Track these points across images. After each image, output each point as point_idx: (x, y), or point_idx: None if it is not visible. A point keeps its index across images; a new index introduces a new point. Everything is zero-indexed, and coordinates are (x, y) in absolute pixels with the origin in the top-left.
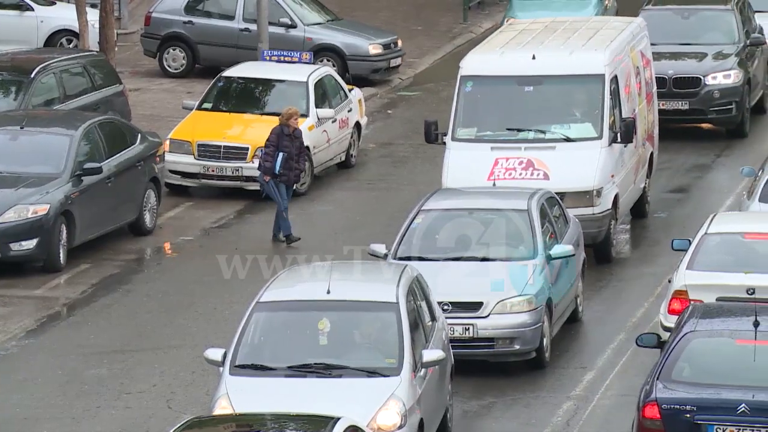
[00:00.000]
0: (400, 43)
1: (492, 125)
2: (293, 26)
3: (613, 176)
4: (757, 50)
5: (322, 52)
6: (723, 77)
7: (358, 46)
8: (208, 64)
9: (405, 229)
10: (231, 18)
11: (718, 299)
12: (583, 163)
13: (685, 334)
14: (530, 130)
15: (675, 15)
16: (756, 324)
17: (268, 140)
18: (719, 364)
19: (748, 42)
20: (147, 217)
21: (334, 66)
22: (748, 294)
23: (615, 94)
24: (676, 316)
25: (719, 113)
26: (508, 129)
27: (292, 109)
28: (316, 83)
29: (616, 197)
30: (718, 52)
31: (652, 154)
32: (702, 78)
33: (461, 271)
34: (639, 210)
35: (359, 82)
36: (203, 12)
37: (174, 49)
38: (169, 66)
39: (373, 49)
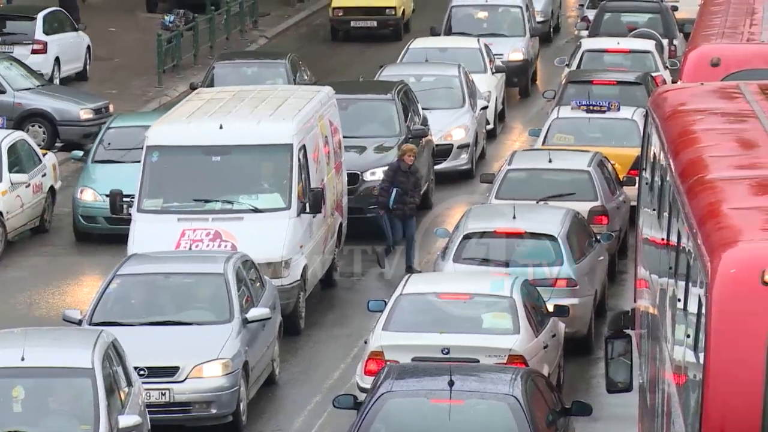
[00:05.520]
0: (111, 107)
1: (179, 196)
2: (2, 91)
3: (301, 247)
4: (421, 142)
5: (32, 117)
6: (383, 173)
7: (68, 111)
8: None
9: (100, 294)
10: None
11: (413, 359)
12: (271, 234)
13: (381, 394)
14: (218, 201)
15: None
16: (451, 383)
17: (384, 175)
18: (415, 424)
19: (410, 134)
20: None
21: (44, 132)
22: (443, 354)
23: (303, 164)
24: (373, 377)
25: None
26: (195, 200)
27: (408, 146)
28: (9, 148)
29: (305, 268)
30: (378, 146)
31: (341, 224)
32: (360, 174)
33: (157, 336)
34: (329, 280)
35: (71, 147)
36: None
37: None
38: None
39: (84, 114)
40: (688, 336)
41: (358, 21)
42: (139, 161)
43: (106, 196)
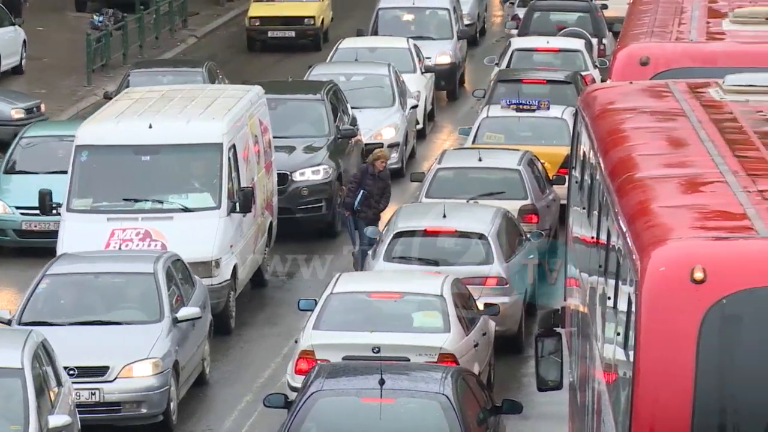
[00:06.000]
0: (43, 107)
1: (108, 196)
2: None
3: (232, 246)
4: (350, 142)
5: None
6: (312, 173)
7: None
8: None
9: (29, 293)
10: None
11: (344, 358)
12: (202, 234)
13: (312, 393)
14: (147, 200)
15: None
16: (381, 382)
17: (352, 177)
18: (346, 423)
19: (339, 134)
20: None
21: None
22: (374, 352)
23: (233, 163)
24: (303, 376)
25: (308, 211)
26: (125, 199)
27: (381, 152)
28: None
29: (235, 267)
30: (307, 146)
31: (271, 223)
32: (289, 174)
33: (87, 336)
34: (259, 280)
35: (2, 146)
36: None
37: None
38: None
39: (16, 113)
40: (618, 334)
41: (276, 31)
42: (52, 172)
43: (16, 208)
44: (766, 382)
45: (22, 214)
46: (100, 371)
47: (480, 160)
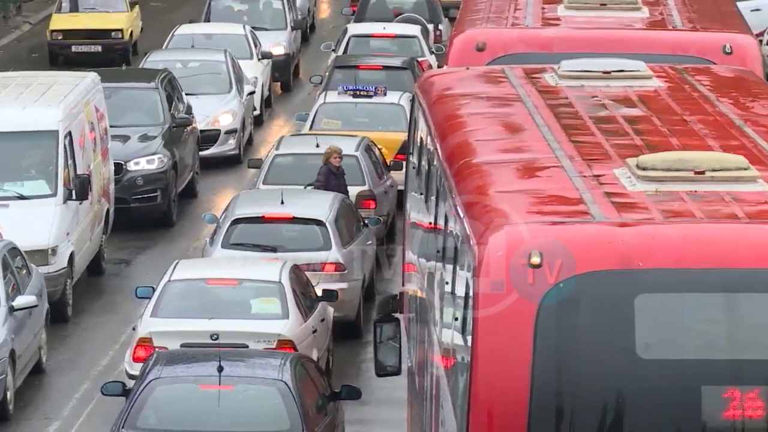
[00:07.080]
0: None
1: None
2: None
3: (68, 234)
4: (185, 131)
5: None
6: (147, 162)
7: None
8: None
9: None
10: None
11: (182, 345)
12: (38, 221)
13: (150, 381)
14: None
15: None
16: (220, 369)
17: (316, 182)
18: (184, 411)
19: (174, 123)
20: None
21: None
22: (212, 339)
23: (69, 151)
24: (141, 364)
25: (143, 201)
26: None
27: (333, 147)
28: None
29: (72, 255)
30: (142, 135)
31: (108, 210)
32: (124, 164)
33: None
34: (96, 267)
35: None
36: None
37: None
38: None
39: None
40: (456, 319)
41: (80, 46)
42: None
43: None
44: (602, 366)
45: None
46: None
47: (317, 146)
